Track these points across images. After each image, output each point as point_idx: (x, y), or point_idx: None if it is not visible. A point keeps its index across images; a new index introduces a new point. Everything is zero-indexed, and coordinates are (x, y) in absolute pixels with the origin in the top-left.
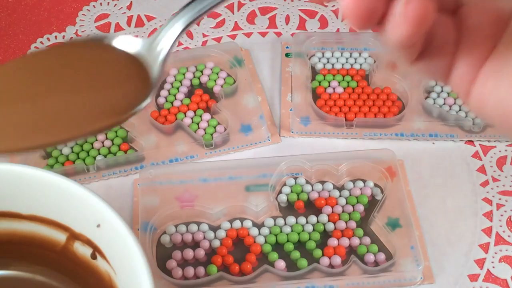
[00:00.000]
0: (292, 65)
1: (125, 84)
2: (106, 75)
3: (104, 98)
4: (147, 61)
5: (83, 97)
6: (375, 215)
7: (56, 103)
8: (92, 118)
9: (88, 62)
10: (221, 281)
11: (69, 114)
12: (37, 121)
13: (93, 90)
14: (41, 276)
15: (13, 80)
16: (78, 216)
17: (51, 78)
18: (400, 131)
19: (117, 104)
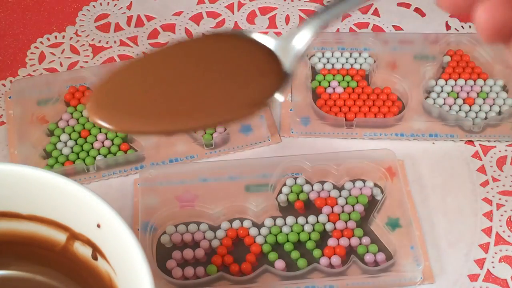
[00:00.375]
0: None
1: (260, 76)
2: (243, 67)
3: (240, 89)
4: (280, 57)
5: (220, 87)
6: (375, 215)
7: (194, 90)
8: (228, 107)
9: (226, 54)
10: (221, 281)
11: (206, 102)
12: (176, 106)
13: (230, 80)
14: (41, 276)
15: (158, 67)
16: (78, 216)
17: (192, 66)
18: (400, 131)
19: (252, 95)
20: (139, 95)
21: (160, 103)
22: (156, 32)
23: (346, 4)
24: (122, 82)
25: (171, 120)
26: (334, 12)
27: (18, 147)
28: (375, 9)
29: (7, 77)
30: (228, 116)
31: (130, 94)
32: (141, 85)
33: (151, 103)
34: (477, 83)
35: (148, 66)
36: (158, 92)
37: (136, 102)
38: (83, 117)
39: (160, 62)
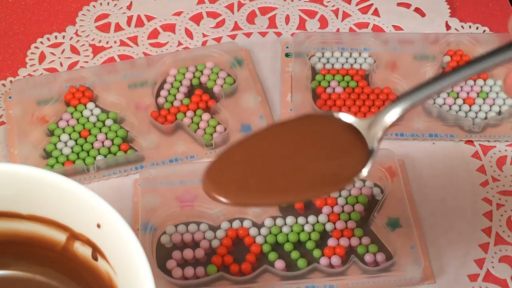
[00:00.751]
0: (292, 65)
1: (348, 154)
2: (334, 146)
3: (331, 166)
4: (365, 136)
5: (315, 165)
6: (375, 215)
7: (294, 167)
8: (320, 183)
9: (319, 133)
10: (221, 281)
11: (305, 178)
12: (280, 181)
13: (323, 159)
14: (41, 276)
15: (262, 146)
16: (78, 216)
17: (291, 145)
18: (400, 131)
19: (342, 172)
20: (248, 172)
21: (267, 179)
22: (156, 32)
23: (436, 85)
24: (232, 160)
25: (277, 194)
26: (419, 95)
27: (18, 147)
28: (375, 9)
29: (7, 77)
30: (322, 191)
31: (239, 171)
32: (249, 163)
33: (259, 179)
34: (477, 83)
35: (254, 145)
36: (264, 169)
37: (245, 179)
38: (83, 117)
39: (263, 141)
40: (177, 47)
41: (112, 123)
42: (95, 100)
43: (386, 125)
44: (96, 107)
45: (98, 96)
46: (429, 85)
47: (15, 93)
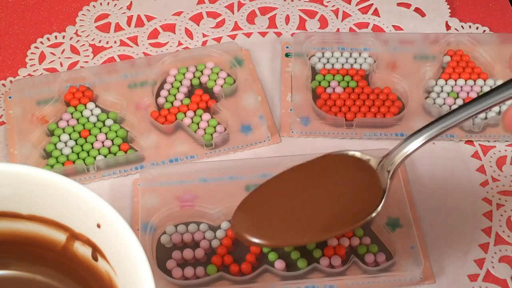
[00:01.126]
0: (292, 65)
1: (363, 191)
2: (350, 184)
3: (349, 205)
4: (379, 175)
5: (334, 205)
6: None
7: (314, 208)
8: (338, 223)
9: (337, 173)
10: (221, 281)
11: (320, 219)
12: (303, 222)
13: (341, 198)
14: (41, 276)
15: (284, 188)
16: (78, 216)
17: (311, 187)
18: (400, 131)
19: (358, 210)
20: (271, 214)
21: (292, 221)
22: (156, 32)
23: (449, 120)
24: (257, 203)
25: (300, 234)
26: (428, 132)
27: (18, 147)
28: (375, 9)
29: (7, 77)
30: (340, 230)
31: (264, 213)
32: (272, 205)
33: (283, 221)
34: (477, 83)
35: (277, 187)
36: (289, 211)
37: (270, 221)
38: (83, 117)
39: (284, 184)
40: (177, 47)
41: (112, 123)
42: (95, 100)
43: (396, 163)
44: (96, 107)
45: (98, 96)
46: (440, 121)
47: (15, 93)
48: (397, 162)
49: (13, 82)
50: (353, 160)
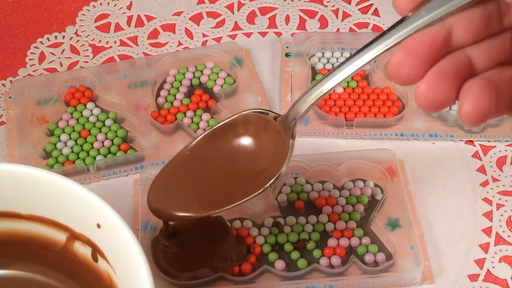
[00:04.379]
0: (292, 65)
1: (269, 155)
2: (255, 149)
3: (255, 170)
4: (283, 132)
5: (239, 175)
6: (375, 215)
7: (221, 176)
8: (247, 189)
9: (239, 138)
10: (221, 281)
11: (230, 186)
12: (210, 192)
13: (247, 163)
14: (41, 276)
15: (190, 161)
16: (78, 216)
17: (217, 155)
18: (400, 131)
19: (265, 173)
20: (184, 186)
21: (203, 190)
22: (156, 32)
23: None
24: (168, 177)
25: (213, 203)
26: (325, 84)
27: (18, 147)
28: (375, 9)
29: (7, 77)
30: (248, 196)
31: (177, 186)
32: (183, 177)
33: (196, 191)
34: None
35: (184, 162)
36: (199, 180)
37: (183, 193)
38: (83, 117)
39: (193, 156)
40: (177, 47)
41: (112, 123)
42: (95, 100)
43: (296, 118)
44: (96, 107)
45: (98, 96)
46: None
47: (15, 93)
48: (297, 116)
49: (13, 82)
50: (258, 120)
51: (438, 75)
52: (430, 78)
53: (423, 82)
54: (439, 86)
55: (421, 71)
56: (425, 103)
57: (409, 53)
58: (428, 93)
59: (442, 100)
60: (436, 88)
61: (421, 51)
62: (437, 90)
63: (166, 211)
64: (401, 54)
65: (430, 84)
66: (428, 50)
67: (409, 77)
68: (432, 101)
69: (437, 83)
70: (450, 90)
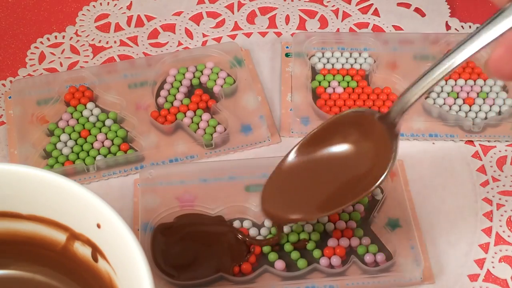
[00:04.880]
0: (292, 65)
1: (373, 155)
2: (356, 150)
3: (360, 172)
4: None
5: (345, 173)
6: (375, 215)
7: (327, 181)
8: (351, 194)
9: (344, 139)
10: (221, 281)
11: (337, 190)
12: (319, 196)
13: (352, 165)
14: (41, 276)
15: (298, 165)
16: (78, 216)
17: (322, 159)
18: (400, 131)
19: (370, 174)
20: (295, 191)
21: (312, 194)
22: (156, 32)
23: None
24: (279, 183)
25: (322, 207)
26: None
27: (18, 147)
28: (375, 9)
29: (7, 77)
30: (356, 198)
31: (289, 191)
32: (294, 183)
33: (307, 196)
34: (477, 83)
35: (293, 166)
36: (308, 185)
37: (296, 197)
38: (83, 117)
39: (300, 159)
40: (177, 47)
41: (112, 123)
42: (95, 100)
43: (404, 109)
44: (96, 107)
45: (98, 96)
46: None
47: (15, 93)
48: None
49: (13, 82)
50: (359, 119)
51: None
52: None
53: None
54: None
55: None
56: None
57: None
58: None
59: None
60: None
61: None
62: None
63: (284, 216)
64: (503, 50)
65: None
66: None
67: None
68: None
69: None
70: None
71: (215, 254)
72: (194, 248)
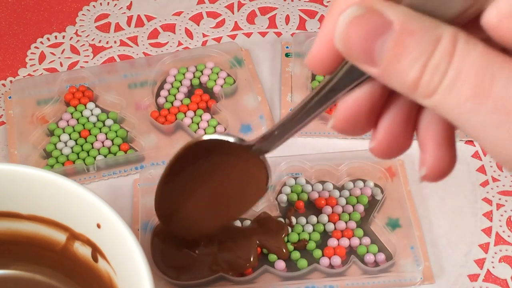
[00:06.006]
0: (292, 65)
1: (251, 177)
2: (237, 173)
3: (240, 193)
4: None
5: (227, 194)
6: (375, 215)
7: (216, 199)
8: (236, 209)
9: (218, 163)
10: (221, 281)
11: (221, 208)
12: (213, 212)
13: (232, 187)
14: (41, 276)
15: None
16: (78, 216)
17: (205, 179)
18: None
19: (250, 193)
20: (187, 210)
21: (200, 213)
22: (156, 32)
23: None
24: (170, 198)
25: (213, 225)
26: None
27: (18, 147)
28: None
29: (7, 77)
30: (243, 212)
31: (180, 209)
32: (182, 200)
33: (196, 214)
34: None
35: (174, 182)
36: (196, 203)
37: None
38: (83, 117)
39: (180, 179)
40: (177, 47)
41: (112, 123)
42: (95, 100)
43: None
44: (96, 107)
45: (98, 96)
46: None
47: (15, 93)
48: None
49: (13, 82)
50: (223, 146)
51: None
52: (381, 142)
53: (375, 146)
54: (393, 143)
55: (367, 126)
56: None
57: (348, 123)
58: (384, 154)
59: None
60: (391, 146)
61: (360, 117)
62: (393, 146)
63: (186, 234)
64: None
65: (383, 147)
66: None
67: (358, 132)
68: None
69: (390, 144)
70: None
71: (220, 254)
72: (193, 248)
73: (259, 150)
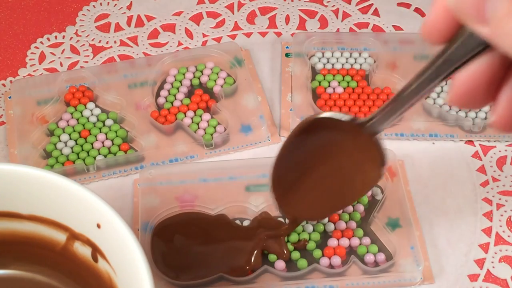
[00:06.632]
0: (292, 65)
1: (365, 161)
2: (350, 156)
3: (354, 176)
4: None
5: (342, 177)
6: (375, 215)
7: (327, 181)
8: (350, 194)
9: (339, 144)
10: (221, 281)
11: (335, 192)
12: (326, 198)
13: (345, 172)
14: (41, 276)
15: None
16: (78, 216)
17: (320, 158)
18: (400, 131)
19: (364, 177)
20: (303, 192)
21: (317, 194)
22: (156, 32)
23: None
24: (286, 183)
25: (327, 209)
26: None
27: (18, 147)
28: (375, 9)
29: (7, 77)
30: (356, 197)
31: (297, 192)
32: (298, 183)
33: (313, 196)
34: None
35: (292, 164)
36: (311, 186)
37: (306, 198)
38: (83, 117)
39: (296, 159)
40: (177, 47)
41: (112, 123)
42: (95, 100)
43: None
44: (96, 107)
45: (98, 96)
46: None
47: (15, 93)
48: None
49: (13, 82)
50: (343, 125)
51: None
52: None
53: (497, 119)
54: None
55: (486, 99)
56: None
57: (466, 96)
58: (507, 127)
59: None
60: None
61: (479, 89)
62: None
63: (302, 216)
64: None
65: (506, 120)
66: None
67: (477, 106)
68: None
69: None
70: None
71: (220, 254)
72: (195, 249)
73: (372, 130)
